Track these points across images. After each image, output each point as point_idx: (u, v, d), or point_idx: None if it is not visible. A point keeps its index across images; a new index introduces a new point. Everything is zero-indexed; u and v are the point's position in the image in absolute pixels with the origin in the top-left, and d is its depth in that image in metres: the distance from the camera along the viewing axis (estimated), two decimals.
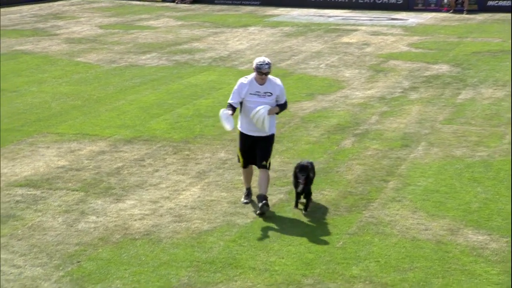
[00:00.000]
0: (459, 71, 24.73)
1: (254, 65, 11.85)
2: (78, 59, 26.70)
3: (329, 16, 40.22)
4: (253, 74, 11.93)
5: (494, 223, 11.86)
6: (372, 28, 35.31)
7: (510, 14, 38.38)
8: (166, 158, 15.34)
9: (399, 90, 21.82)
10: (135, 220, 12.07)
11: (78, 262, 10.52)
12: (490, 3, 42.02)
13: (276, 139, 13.47)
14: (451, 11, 41.29)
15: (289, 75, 23.82)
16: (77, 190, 13.48)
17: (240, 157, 12.40)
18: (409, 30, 34.82)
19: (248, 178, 12.67)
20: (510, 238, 9.67)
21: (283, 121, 18.00)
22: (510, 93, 18.67)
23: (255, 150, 12.17)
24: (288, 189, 13.27)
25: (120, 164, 14.90)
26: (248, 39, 31.65)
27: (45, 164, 14.89)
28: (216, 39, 31.67)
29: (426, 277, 10.07)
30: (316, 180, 13.81)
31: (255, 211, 12.10)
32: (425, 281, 9.95)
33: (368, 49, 29.19)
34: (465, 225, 11.78)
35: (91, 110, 19.25)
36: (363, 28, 35.48)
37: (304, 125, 17.96)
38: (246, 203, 12.44)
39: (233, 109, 11.92)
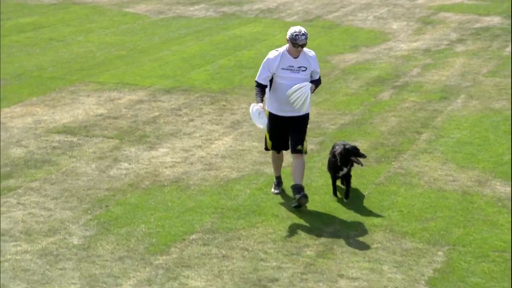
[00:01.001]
0: (510, 23, 24.46)
1: (288, 35, 10.12)
2: (127, 9, 27.03)
3: None
4: (285, 46, 10.36)
5: None
6: None
7: None
8: (202, 108, 15.59)
9: (446, 43, 21.82)
10: (166, 167, 12.38)
11: (107, 206, 10.87)
12: None
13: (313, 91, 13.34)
14: None
15: (336, 27, 24.04)
16: (112, 138, 13.86)
17: (269, 142, 10.82)
18: None
19: (278, 165, 11.17)
20: None
21: (324, 74, 17.98)
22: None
23: (287, 133, 10.62)
24: (320, 140, 13.44)
25: (157, 113, 15.22)
26: (362, 7, 31.04)
27: (84, 112, 15.28)
28: None
29: (447, 226, 10.20)
30: (349, 130, 14.03)
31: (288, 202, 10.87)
32: (446, 230, 10.07)
33: (420, 1, 29.12)
34: (494, 176, 11.89)
35: (134, 60, 19.61)
36: None
37: (344, 77, 18.10)
38: (277, 193, 11.02)
39: (263, 92, 10.45)
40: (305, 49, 10.31)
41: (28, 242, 9.91)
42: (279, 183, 11.09)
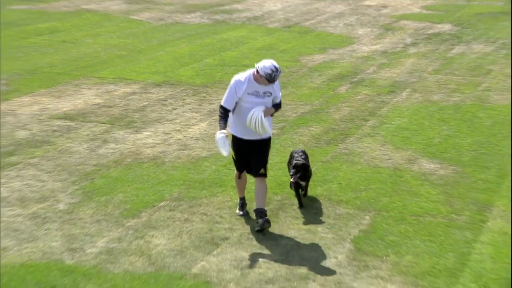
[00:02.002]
0: (458, 30, 24.65)
1: (261, 69, 8.68)
2: (132, 17, 27.02)
3: None
4: (250, 72, 8.96)
5: (448, 155, 12.16)
6: None
7: None
8: (185, 99, 15.71)
9: (401, 46, 21.87)
10: (147, 147, 12.56)
11: (92, 179, 11.08)
12: None
13: (281, 85, 13.25)
14: None
15: (310, 32, 24.10)
16: (104, 123, 13.98)
17: (235, 164, 9.49)
18: None
19: (242, 187, 9.74)
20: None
21: (293, 71, 18.30)
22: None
23: (249, 156, 9.24)
24: (281, 125, 13.58)
25: (145, 103, 15.33)
26: (282, 2, 31.54)
27: (83, 101, 15.41)
28: (254, 1, 31.60)
29: (376, 196, 10.47)
30: (307, 118, 14.23)
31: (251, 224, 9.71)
32: (375, 199, 10.33)
33: (385, 11, 29.06)
34: (423, 156, 12.09)
35: (133, 59, 19.67)
36: None
37: (310, 73, 18.16)
38: (241, 215, 9.68)
39: (226, 117, 9.10)
40: None
41: (21, 207, 10.18)
42: (243, 204, 9.74)
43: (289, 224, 9.50)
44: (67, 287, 8.05)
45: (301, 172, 9.81)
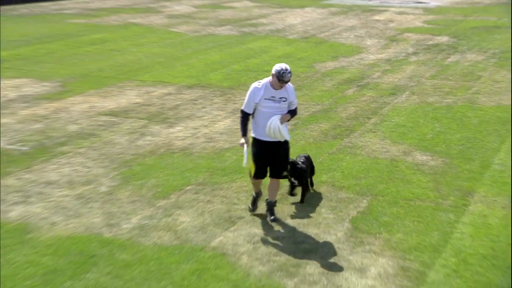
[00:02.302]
0: (454, 41, 24.45)
1: (274, 71, 8.33)
2: (172, 29, 27.00)
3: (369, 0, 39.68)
4: (268, 79, 8.54)
5: (438, 148, 12.11)
6: (400, 9, 34.84)
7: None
8: (213, 99, 15.68)
9: (403, 55, 21.74)
10: (178, 140, 12.56)
11: (130, 166, 11.13)
12: None
13: (297, 87, 13.32)
14: None
15: (324, 43, 23.99)
16: (143, 119, 13.99)
17: (253, 167, 8.76)
18: (428, 11, 34.36)
19: (258, 185, 9.12)
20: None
21: (308, 76, 18.24)
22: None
23: (268, 159, 8.68)
24: (295, 122, 13.44)
25: (179, 102, 15.33)
26: (302, 17, 31.50)
27: (126, 101, 15.43)
28: (278, 16, 31.52)
29: (374, 183, 10.45)
30: (317, 116, 14.21)
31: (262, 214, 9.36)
32: (372, 185, 10.33)
33: (391, 25, 28.91)
34: (416, 149, 12.05)
35: (169, 65, 19.64)
36: (393, 9, 35.02)
37: (322, 78, 18.05)
38: (253, 210, 9.19)
39: (247, 123, 8.73)
40: None
41: (69, 189, 10.28)
42: (256, 199, 9.17)
43: (295, 207, 9.54)
44: (105, 256, 8.12)
45: (291, 168, 9.31)
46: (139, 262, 8.01)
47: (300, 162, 9.70)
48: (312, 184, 10.19)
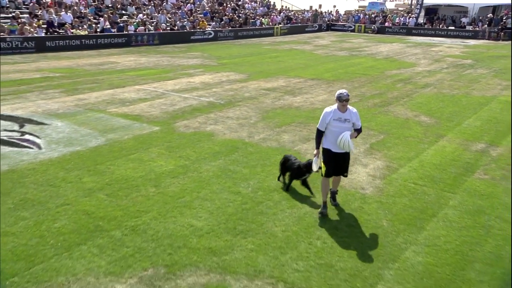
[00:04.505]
0: (474, 63, 22.69)
1: (336, 96, 6.14)
2: (314, 52, 26.69)
3: (432, 39, 37.00)
4: (336, 105, 6.20)
5: (436, 114, 11.68)
6: (449, 45, 32.32)
7: None
8: (321, 86, 15.50)
9: (439, 68, 20.59)
10: (296, 103, 12.55)
11: (267, 112, 11.30)
12: None
13: (368, 82, 13.21)
14: (493, 40, 36.61)
15: (395, 61, 23.03)
16: (282, 92, 13.94)
17: (324, 168, 6.38)
18: (466, 46, 31.57)
19: (326, 189, 6.45)
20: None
21: (378, 76, 17.76)
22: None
23: (335, 163, 6.35)
24: (358, 99, 13.57)
25: (303, 86, 15.30)
26: (389, 47, 30.09)
27: (277, 84, 15.50)
28: (375, 47, 30.39)
29: (390, 128, 10.27)
30: (374, 96, 13.88)
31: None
32: (389, 129, 10.18)
33: (440, 53, 27.09)
34: (423, 114, 11.66)
35: (305, 69, 19.61)
36: (445, 45, 32.56)
37: (386, 78, 17.53)
38: (323, 214, 6.32)
39: (320, 138, 6.33)
40: (350, 106, 6.20)
41: (235, 120, 10.44)
42: (325, 206, 6.43)
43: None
44: (242, 149, 8.36)
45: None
46: (258, 152, 8.20)
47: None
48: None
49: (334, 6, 50.22)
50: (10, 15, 23.58)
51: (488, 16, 38.79)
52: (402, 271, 5.04)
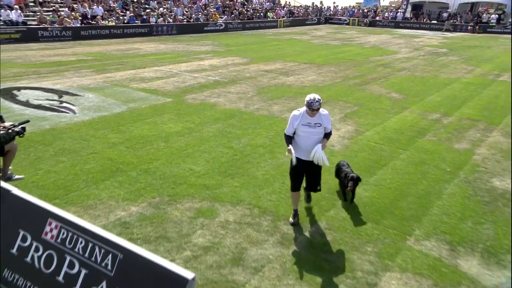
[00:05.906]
0: (448, 51, 22.64)
1: (305, 102, 4.69)
2: (310, 41, 26.03)
3: (416, 32, 36.43)
4: (305, 108, 4.77)
5: (404, 92, 11.90)
6: (430, 37, 31.92)
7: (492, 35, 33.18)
8: (312, 68, 15.28)
9: (417, 55, 20.69)
10: (288, 82, 12.57)
11: (263, 88, 11.42)
12: (488, 29, 36.09)
13: (353, 66, 13.05)
14: (470, 32, 36.13)
15: (380, 49, 22.91)
16: (278, 74, 13.76)
17: (291, 181, 5.01)
18: (445, 38, 31.27)
19: (297, 200, 5.13)
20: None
21: (362, 61, 17.63)
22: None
23: (303, 174, 5.01)
24: (345, 81, 13.70)
25: (296, 68, 15.14)
26: (377, 38, 29.75)
27: (274, 67, 15.28)
28: (365, 38, 29.83)
29: (364, 102, 10.53)
30: (355, 77, 13.83)
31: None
32: (363, 103, 10.42)
33: (421, 43, 26.89)
34: (394, 91, 11.84)
35: (300, 55, 19.03)
36: (427, 36, 32.21)
37: (369, 63, 17.37)
38: (293, 224, 5.07)
39: (291, 140, 4.90)
40: (321, 109, 4.80)
41: (235, 94, 10.54)
42: (296, 214, 5.15)
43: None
44: (238, 116, 8.55)
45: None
46: (251, 118, 8.61)
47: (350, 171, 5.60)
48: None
49: (334, 2, 49.92)
50: (51, 8, 24.26)
51: (448, 11, 38.74)
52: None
